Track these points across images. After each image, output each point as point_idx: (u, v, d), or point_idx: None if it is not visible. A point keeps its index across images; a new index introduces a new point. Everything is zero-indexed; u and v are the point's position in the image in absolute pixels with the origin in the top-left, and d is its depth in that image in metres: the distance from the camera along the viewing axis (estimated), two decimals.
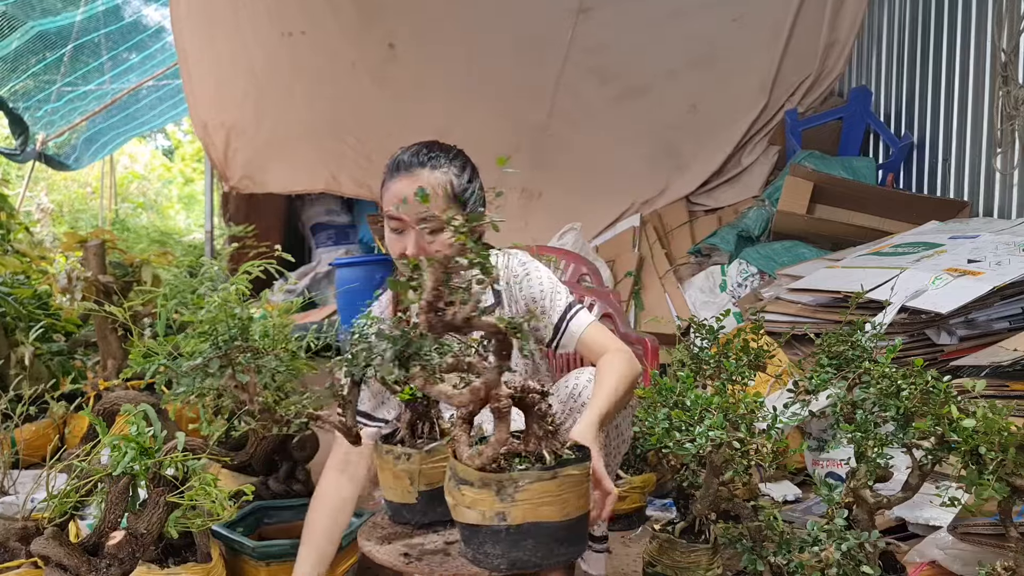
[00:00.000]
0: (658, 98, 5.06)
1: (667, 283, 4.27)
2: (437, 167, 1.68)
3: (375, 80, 5.09)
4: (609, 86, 5.09)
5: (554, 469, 1.18)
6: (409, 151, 1.71)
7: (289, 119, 5.15)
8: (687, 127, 5.04)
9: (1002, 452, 1.22)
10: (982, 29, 3.97)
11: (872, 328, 1.71)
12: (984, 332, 2.63)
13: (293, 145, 5.19)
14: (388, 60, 5.05)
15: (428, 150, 1.71)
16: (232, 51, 4.96)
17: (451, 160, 1.71)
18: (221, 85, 5.06)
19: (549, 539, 1.20)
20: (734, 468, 1.37)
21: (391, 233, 1.70)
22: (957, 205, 3.99)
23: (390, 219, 1.68)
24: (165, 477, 1.54)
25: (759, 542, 1.42)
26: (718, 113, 4.99)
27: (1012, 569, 1.24)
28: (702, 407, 1.40)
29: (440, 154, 1.71)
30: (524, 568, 1.21)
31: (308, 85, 5.11)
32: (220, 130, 5.14)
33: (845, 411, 1.48)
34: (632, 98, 5.08)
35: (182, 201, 15.12)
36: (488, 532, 1.19)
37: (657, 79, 5.06)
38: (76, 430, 2.74)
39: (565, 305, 1.76)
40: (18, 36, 5.54)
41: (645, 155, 5.05)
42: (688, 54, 4.99)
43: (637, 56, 5.02)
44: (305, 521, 1.67)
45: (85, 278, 3.03)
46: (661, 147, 5.05)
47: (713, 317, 1.91)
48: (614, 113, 5.08)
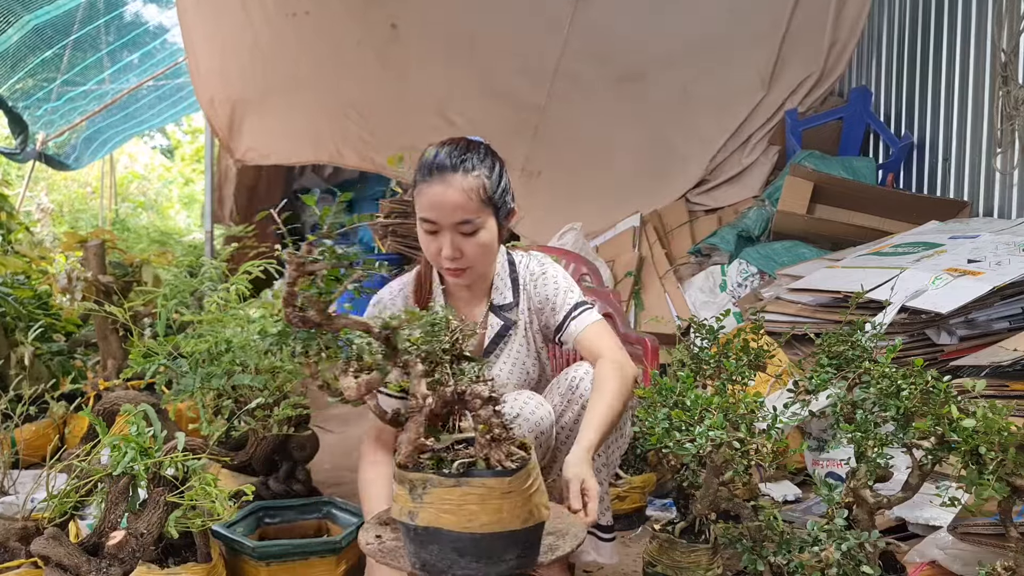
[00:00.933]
0: (655, 83, 5.13)
1: (667, 283, 4.27)
2: (469, 171, 1.70)
3: (378, 58, 5.15)
4: (608, 69, 5.16)
5: (457, 478, 1.16)
6: (441, 152, 1.73)
7: (294, 94, 5.22)
8: (682, 112, 5.10)
9: (1002, 452, 1.22)
10: (982, 29, 3.97)
11: (872, 328, 1.71)
12: (984, 332, 2.63)
13: (298, 119, 5.26)
14: (391, 40, 5.12)
15: (460, 152, 1.72)
16: (238, 28, 5.01)
17: (482, 161, 1.73)
18: (227, 60, 5.11)
19: (451, 549, 1.17)
20: (734, 468, 1.37)
21: (425, 234, 1.74)
22: (957, 205, 3.99)
23: (424, 221, 1.72)
24: (165, 477, 1.54)
25: (759, 542, 1.42)
26: (713, 100, 5.02)
27: (1012, 569, 1.24)
28: (702, 407, 1.40)
29: (471, 155, 1.72)
30: (434, 573, 1.20)
31: (313, 62, 5.17)
32: (226, 104, 5.18)
33: (845, 411, 1.49)
34: (631, 81, 5.15)
35: (182, 201, 15.13)
36: (404, 528, 1.21)
37: (654, 65, 5.12)
38: (76, 430, 2.73)
39: (574, 303, 1.82)
40: (15, 31, 5.52)
41: (643, 138, 5.12)
42: (686, 41, 5.04)
43: (636, 41, 5.07)
44: (362, 491, 1.69)
45: (85, 278, 3.03)
46: (658, 131, 5.12)
47: (713, 317, 1.91)
48: (612, 96, 5.15)
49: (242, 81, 5.15)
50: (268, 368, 1.97)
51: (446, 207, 1.68)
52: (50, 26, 5.85)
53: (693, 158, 5.02)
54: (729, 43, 4.97)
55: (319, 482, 2.37)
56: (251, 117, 5.23)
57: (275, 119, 5.24)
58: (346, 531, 1.83)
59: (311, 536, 1.97)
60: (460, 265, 1.72)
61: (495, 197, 1.73)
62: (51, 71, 6.47)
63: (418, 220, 1.75)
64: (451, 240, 1.69)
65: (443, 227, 1.70)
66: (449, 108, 5.13)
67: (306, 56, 5.13)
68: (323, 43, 5.09)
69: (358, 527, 1.64)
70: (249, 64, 5.10)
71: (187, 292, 2.52)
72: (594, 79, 5.16)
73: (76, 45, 6.30)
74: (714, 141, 4.98)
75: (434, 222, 1.70)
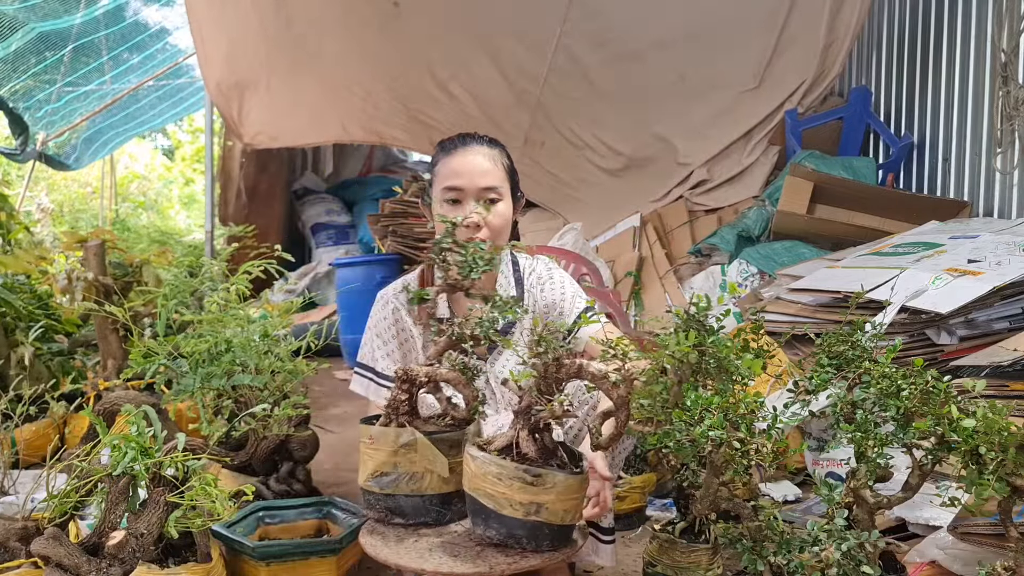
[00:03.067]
0: (652, 65, 5.20)
1: (667, 283, 4.27)
2: (493, 146, 1.82)
3: (381, 34, 5.21)
4: (607, 50, 5.23)
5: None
6: (457, 136, 1.84)
7: (299, 74, 5.28)
8: (675, 96, 5.17)
9: (1002, 452, 1.22)
10: (982, 29, 3.97)
11: (872, 328, 1.71)
12: (984, 332, 2.62)
13: (304, 99, 5.34)
14: (393, 17, 5.17)
15: (476, 135, 1.84)
16: (242, 11, 5.06)
17: (498, 144, 1.85)
18: (233, 45, 5.16)
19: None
20: (734, 468, 1.37)
21: (447, 205, 1.78)
22: (957, 205, 3.99)
23: (448, 190, 1.77)
24: (165, 477, 1.54)
25: (759, 542, 1.42)
26: (705, 86, 5.10)
27: (1012, 569, 1.24)
28: (702, 407, 1.40)
29: (488, 137, 1.85)
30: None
31: (317, 41, 5.22)
32: (234, 89, 5.25)
33: (845, 411, 1.48)
34: (630, 61, 5.21)
35: (182, 201, 15.12)
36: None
37: (653, 47, 5.18)
38: (76, 430, 2.73)
39: (583, 308, 1.86)
40: (18, 37, 5.54)
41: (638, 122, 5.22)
42: (686, 26, 5.09)
43: (635, 22, 5.13)
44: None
45: (85, 278, 3.03)
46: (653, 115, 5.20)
47: (713, 317, 1.91)
48: (610, 76, 5.23)
49: (248, 65, 5.21)
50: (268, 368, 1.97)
51: (475, 172, 1.74)
52: (54, 33, 5.87)
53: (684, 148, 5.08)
54: (727, 31, 5.01)
55: (319, 482, 2.37)
56: (258, 100, 5.30)
57: (282, 101, 5.31)
58: (346, 531, 1.82)
59: (311, 536, 1.97)
60: (481, 236, 1.75)
61: (512, 173, 1.83)
62: (52, 73, 6.47)
63: (438, 196, 1.79)
64: (475, 207, 1.74)
65: (467, 194, 1.75)
66: (451, 82, 5.22)
67: (310, 35, 5.18)
68: (328, 22, 5.14)
69: (358, 527, 1.64)
70: (253, 48, 5.16)
71: (187, 292, 2.53)
72: (593, 58, 5.24)
73: (78, 48, 6.31)
74: (706, 130, 5.04)
75: (460, 189, 1.75)
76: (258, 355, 2.01)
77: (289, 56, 5.22)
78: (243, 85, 5.25)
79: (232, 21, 5.09)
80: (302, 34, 5.17)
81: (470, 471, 1.40)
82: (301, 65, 5.25)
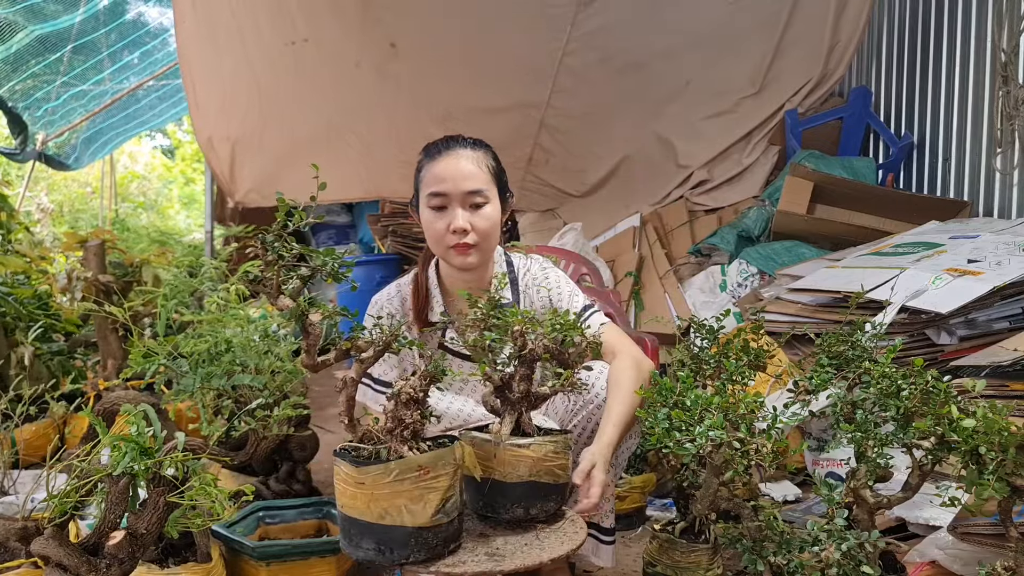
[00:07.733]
0: (656, 75, 5.19)
1: (667, 283, 4.27)
2: (477, 147, 1.78)
3: (378, 75, 5.13)
4: (609, 65, 5.20)
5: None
6: (441, 140, 1.80)
7: (292, 128, 5.17)
8: (677, 100, 5.17)
9: (1002, 452, 1.22)
10: (982, 29, 3.97)
11: (872, 328, 1.71)
12: (984, 332, 2.62)
13: (297, 155, 5.17)
14: (390, 59, 5.10)
15: (460, 137, 1.80)
16: (236, 65, 4.95)
17: (483, 145, 1.81)
18: (226, 99, 5.04)
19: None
20: (734, 468, 1.37)
21: (432, 212, 1.75)
22: (957, 205, 3.99)
23: (433, 196, 1.74)
24: (165, 477, 1.53)
25: (759, 542, 1.42)
26: (708, 91, 5.08)
27: (1012, 569, 1.24)
28: (702, 407, 1.40)
29: (472, 139, 1.81)
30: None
31: (312, 91, 5.12)
32: (225, 144, 5.12)
33: (845, 411, 1.48)
34: (633, 71, 5.19)
35: (182, 201, 15.13)
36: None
37: (656, 57, 5.16)
38: (76, 430, 2.73)
39: (582, 307, 1.84)
40: (18, 40, 5.54)
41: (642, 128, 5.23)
42: (686, 36, 5.08)
43: (638, 39, 5.11)
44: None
45: (85, 278, 3.03)
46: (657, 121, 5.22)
47: (713, 317, 1.91)
48: (613, 87, 5.21)
49: (240, 120, 5.07)
50: (268, 368, 1.97)
51: (458, 176, 1.71)
52: (53, 34, 5.86)
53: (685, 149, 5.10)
54: (730, 37, 5.01)
55: (319, 482, 2.37)
56: (251, 158, 5.15)
57: (274, 159, 5.16)
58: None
59: (311, 536, 1.97)
60: (469, 240, 1.72)
61: (500, 175, 1.79)
62: (52, 73, 6.47)
63: (423, 202, 1.76)
64: (461, 213, 1.71)
65: (452, 199, 1.72)
66: (450, 118, 5.14)
67: (304, 86, 5.06)
68: (322, 70, 5.03)
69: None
70: (247, 102, 5.03)
71: (187, 292, 2.53)
72: (597, 72, 5.21)
73: (77, 47, 6.30)
74: (707, 132, 5.04)
75: (444, 194, 1.72)
76: (258, 355, 2.01)
77: (282, 110, 5.09)
78: (235, 141, 5.10)
79: (226, 77, 4.96)
80: (296, 86, 5.05)
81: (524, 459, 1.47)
82: (294, 119, 5.11)
